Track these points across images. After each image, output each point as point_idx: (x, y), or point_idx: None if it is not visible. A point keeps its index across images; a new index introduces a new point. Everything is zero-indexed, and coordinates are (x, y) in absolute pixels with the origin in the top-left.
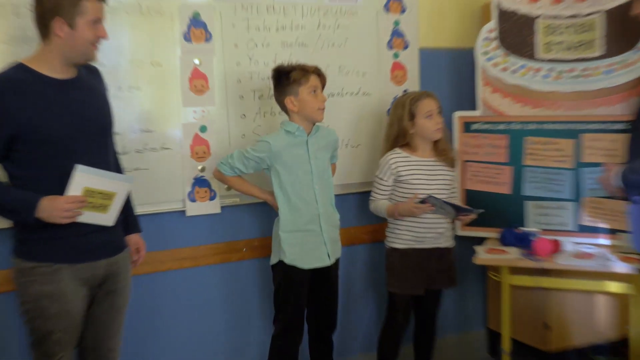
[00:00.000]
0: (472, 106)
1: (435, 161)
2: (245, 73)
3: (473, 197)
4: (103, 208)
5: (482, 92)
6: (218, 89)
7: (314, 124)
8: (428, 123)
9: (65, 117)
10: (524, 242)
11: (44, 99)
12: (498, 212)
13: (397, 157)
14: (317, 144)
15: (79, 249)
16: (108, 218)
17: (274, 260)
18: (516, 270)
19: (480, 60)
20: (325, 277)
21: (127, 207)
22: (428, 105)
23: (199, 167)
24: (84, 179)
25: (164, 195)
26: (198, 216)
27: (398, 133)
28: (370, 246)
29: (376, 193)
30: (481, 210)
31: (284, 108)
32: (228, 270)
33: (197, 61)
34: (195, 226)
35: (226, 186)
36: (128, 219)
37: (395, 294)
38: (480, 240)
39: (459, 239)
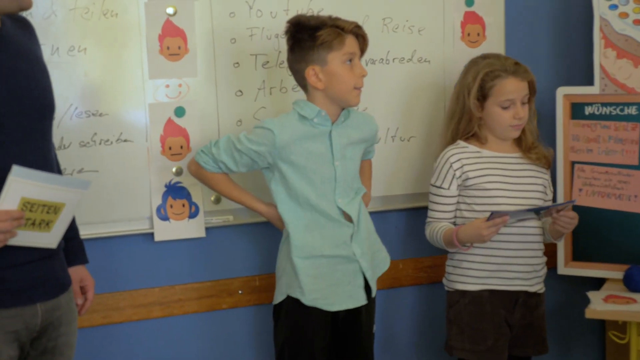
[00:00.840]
0: (586, 79)
1: (519, 157)
2: (242, 29)
3: (584, 217)
4: (45, 225)
5: (602, 57)
6: (202, 53)
7: (343, 108)
8: (503, 115)
9: None
10: None
11: None
12: (623, 241)
13: (462, 153)
14: (346, 137)
15: (6, 287)
16: (50, 238)
17: (279, 297)
18: None
19: (600, 8)
20: (354, 322)
21: (69, 226)
22: (510, 89)
23: (174, 169)
24: (21, 185)
25: (121, 211)
26: (172, 242)
27: (462, 114)
28: (421, 289)
29: (433, 211)
30: (574, 201)
31: (301, 81)
32: (215, 322)
33: (170, 10)
34: (167, 257)
35: (214, 197)
36: (70, 243)
37: None
38: (594, 283)
39: (559, 279)
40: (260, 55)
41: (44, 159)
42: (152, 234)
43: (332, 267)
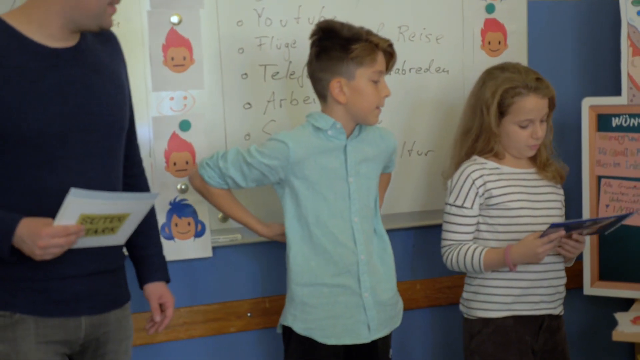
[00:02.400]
0: (613, 89)
1: (535, 173)
2: (250, 38)
3: (611, 234)
4: (110, 230)
5: (630, 66)
6: (208, 64)
7: (357, 123)
8: (520, 133)
9: (53, 105)
10: None
11: (26, 74)
12: None
13: (482, 169)
14: (362, 153)
15: (52, 296)
16: (117, 239)
17: (283, 321)
18: None
19: (628, 14)
20: (370, 349)
21: (149, 239)
22: (531, 108)
23: (179, 186)
24: (79, 205)
25: None
26: (177, 262)
27: (480, 131)
28: (435, 313)
29: (452, 232)
30: (631, 214)
31: (321, 91)
32: (223, 346)
33: (175, 19)
34: (172, 278)
35: (221, 215)
36: (151, 259)
37: None
38: (622, 303)
39: (585, 300)
40: (269, 65)
41: (107, 176)
42: None
43: (333, 297)
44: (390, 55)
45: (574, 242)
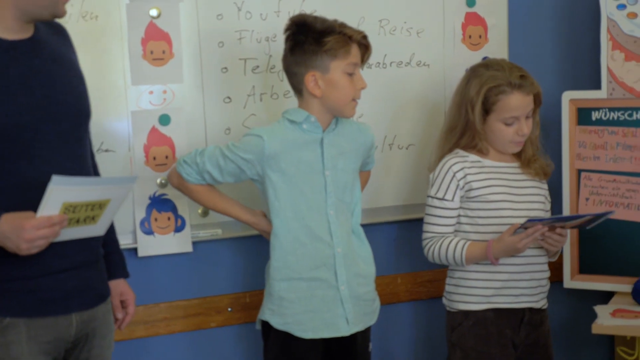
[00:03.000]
0: (593, 83)
1: (519, 167)
2: (230, 32)
3: (591, 229)
4: (90, 219)
5: (609, 60)
6: (188, 57)
7: (334, 117)
8: (505, 131)
9: (20, 96)
10: None
11: None
12: (632, 252)
13: (463, 162)
14: (338, 146)
15: (42, 296)
16: (97, 229)
17: (259, 322)
18: None
19: (608, 8)
20: (345, 355)
21: (107, 236)
22: (515, 106)
23: (159, 181)
24: (62, 192)
25: None
26: (157, 257)
27: (465, 129)
28: (416, 307)
29: (433, 225)
30: (611, 212)
31: (297, 85)
32: (204, 341)
33: (154, 12)
34: (152, 273)
35: (201, 209)
36: (110, 256)
37: None
38: (601, 296)
39: (565, 293)
40: (249, 59)
41: (80, 164)
42: (135, 249)
43: (310, 291)
44: (365, 47)
45: (557, 235)
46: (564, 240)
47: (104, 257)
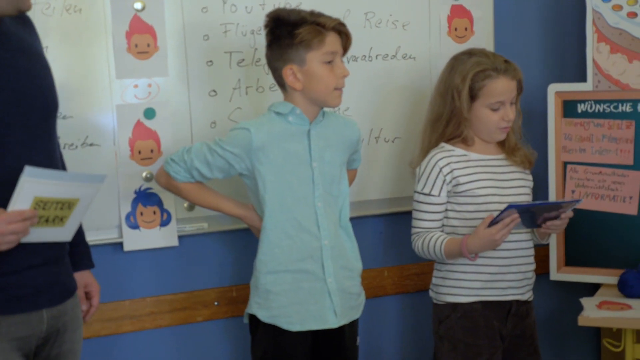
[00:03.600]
0: (578, 76)
1: (504, 159)
2: (215, 25)
3: (577, 220)
4: (59, 220)
5: (595, 52)
6: (173, 51)
7: (321, 108)
8: (492, 116)
9: None
10: None
11: None
12: (618, 244)
13: (450, 157)
14: (325, 139)
15: (12, 292)
16: (64, 232)
17: (247, 315)
18: None
19: (593, 0)
20: (333, 348)
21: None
22: (501, 90)
23: (144, 174)
24: (34, 185)
25: (87, 219)
26: (143, 252)
27: (450, 117)
28: (403, 300)
29: (421, 220)
30: (580, 200)
31: (279, 80)
32: (190, 335)
33: (138, 5)
34: (138, 267)
35: (187, 203)
36: (76, 247)
37: None
38: (588, 288)
39: (552, 286)
40: (235, 52)
41: (49, 159)
42: (121, 244)
43: (296, 284)
44: (344, 34)
45: (559, 221)
46: (566, 223)
47: (71, 247)
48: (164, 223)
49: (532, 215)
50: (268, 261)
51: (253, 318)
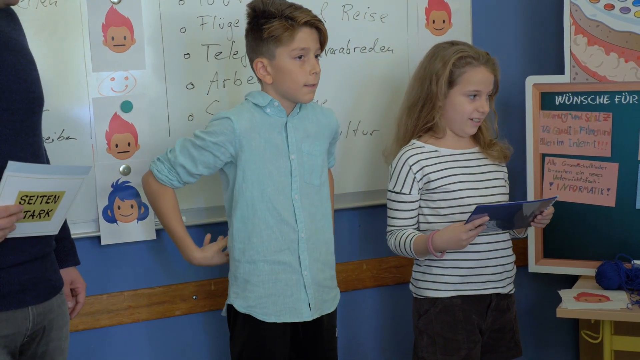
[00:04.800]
0: (556, 68)
1: (477, 152)
2: (192, 17)
3: (555, 212)
4: (45, 214)
5: (572, 45)
6: (149, 43)
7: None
8: (466, 105)
9: None
10: (635, 283)
11: None
12: (596, 236)
13: (420, 154)
14: (302, 130)
15: None
16: (51, 226)
17: (226, 307)
18: (623, 328)
19: None
20: (312, 341)
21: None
22: (480, 79)
23: (121, 168)
24: (18, 180)
25: None
26: (120, 245)
27: (425, 100)
28: (382, 292)
29: (394, 219)
30: (556, 198)
31: (255, 73)
32: (168, 330)
33: None
34: (115, 261)
35: None
36: (61, 243)
37: None
38: (566, 280)
39: (531, 278)
40: (212, 45)
41: (34, 155)
42: (98, 238)
43: (274, 275)
44: (316, 29)
45: (541, 216)
46: (549, 219)
47: (55, 244)
48: (142, 217)
49: (508, 217)
50: (245, 250)
51: (231, 308)
